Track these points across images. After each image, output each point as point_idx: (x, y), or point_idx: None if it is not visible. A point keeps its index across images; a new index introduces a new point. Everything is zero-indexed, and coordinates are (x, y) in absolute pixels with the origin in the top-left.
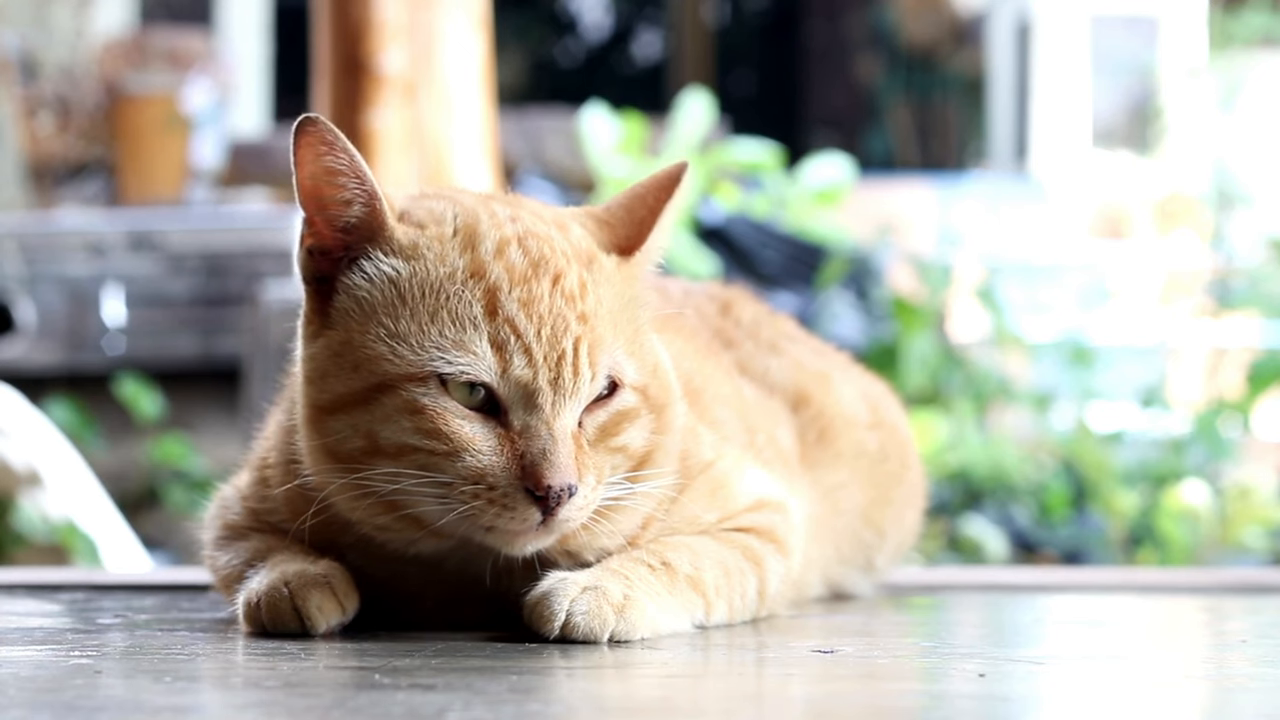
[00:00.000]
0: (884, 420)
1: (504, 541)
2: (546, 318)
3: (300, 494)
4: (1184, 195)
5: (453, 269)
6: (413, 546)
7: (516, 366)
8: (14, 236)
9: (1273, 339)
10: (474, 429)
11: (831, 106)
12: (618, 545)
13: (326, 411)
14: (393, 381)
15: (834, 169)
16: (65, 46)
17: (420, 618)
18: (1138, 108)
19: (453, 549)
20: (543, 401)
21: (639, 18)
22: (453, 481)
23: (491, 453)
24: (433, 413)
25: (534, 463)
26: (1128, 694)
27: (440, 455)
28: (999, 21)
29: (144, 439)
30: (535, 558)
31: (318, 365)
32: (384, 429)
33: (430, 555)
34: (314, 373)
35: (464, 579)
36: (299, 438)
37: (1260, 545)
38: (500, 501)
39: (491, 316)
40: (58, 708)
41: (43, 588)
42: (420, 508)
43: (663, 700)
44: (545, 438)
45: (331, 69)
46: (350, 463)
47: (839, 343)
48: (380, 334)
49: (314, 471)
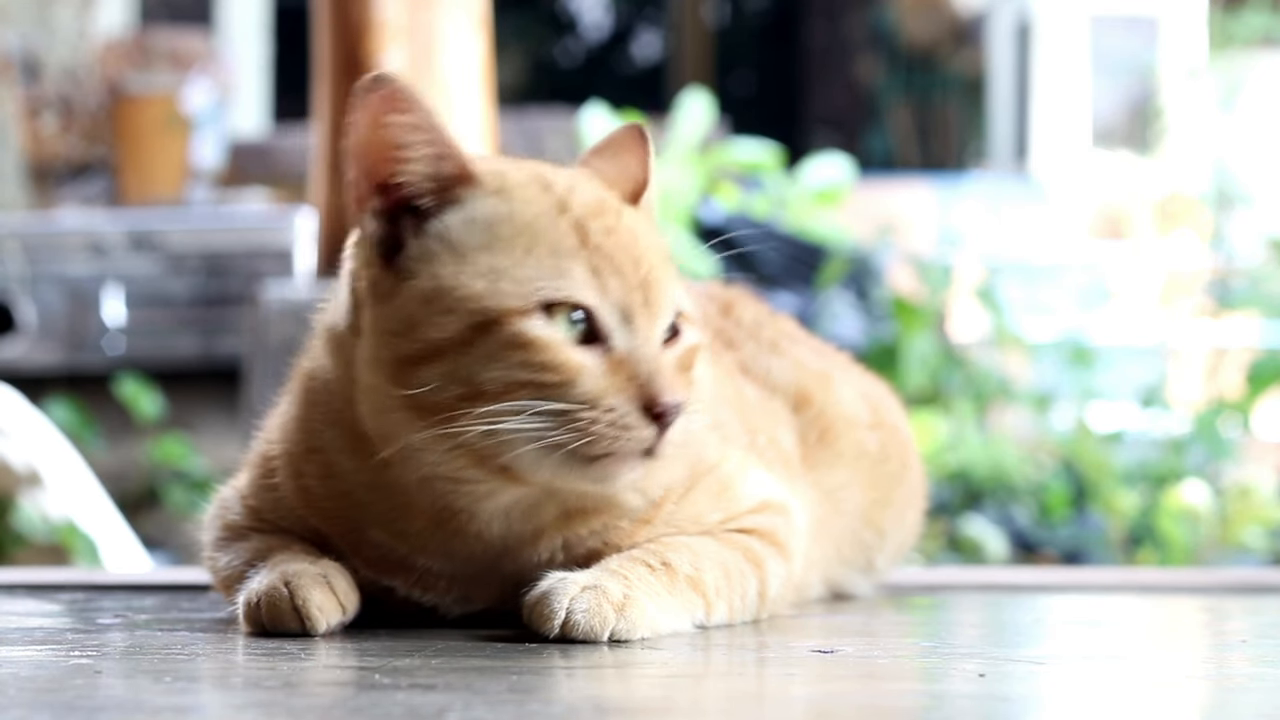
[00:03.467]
0: (885, 421)
1: (607, 475)
2: (627, 246)
3: (316, 483)
4: (1184, 195)
5: (542, 205)
6: (482, 502)
7: (614, 289)
8: (15, 236)
9: (1273, 339)
10: (583, 355)
11: (831, 106)
12: (656, 494)
13: (414, 363)
14: (496, 318)
15: (834, 169)
16: (67, 47)
17: (426, 594)
18: (1138, 108)
19: (508, 510)
20: (641, 323)
21: (639, 18)
22: (567, 410)
23: (604, 375)
24: (543, 343)
25: (648, 381)
26: (1128, 694)
27: (552, 386)
28: (999, 21)
29: (144, 439)
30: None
31: (403, 316)
32: (487, 369)
33: (488, 517)
34: (398, 325)
35: (489, 553)
36: (366, 407)
37: (1260, 545)
38: (620, 423)
39: (584, 245)
40: (58, 708)
41: (43, 588)
42: (515, 451)
43: (663, 700)
44: (651, 358)
45: (331, 69)
46: (442, 413)
47: (839, 343)
48: (479, 271)
49: (389, 435)
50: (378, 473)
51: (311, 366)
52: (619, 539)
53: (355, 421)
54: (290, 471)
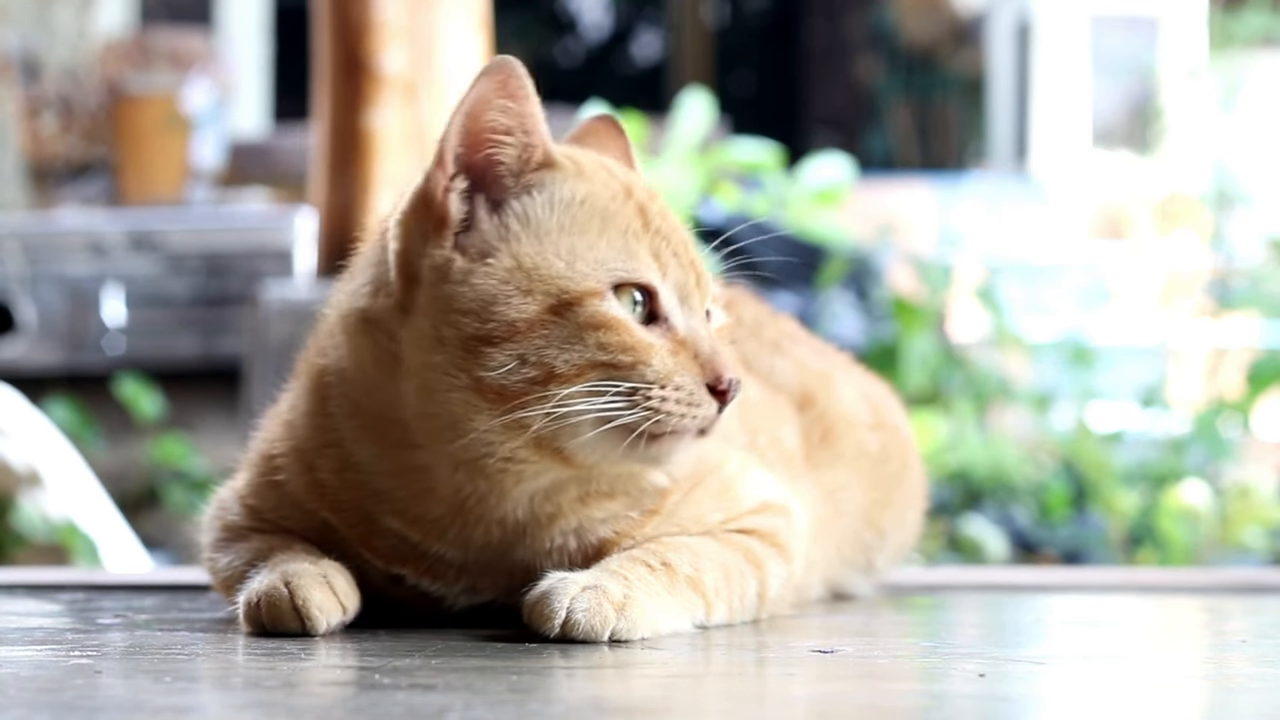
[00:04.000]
0: (885, 421)
1: (665, 454)
2: (679, 229)
3: (331, 476)
4: (1184, 195)
5: (612, 189)
6: (519, 485)
7: (673, 271)
8: (15, 236)
9: (1273, 339)
10: (651, 335)
11: (831, 106)
12: (678, 473)
13: (487, 342)
14: (575, 298)
15: (834, 169)
16: (67, 47)
17: (434, 583)
18: (1138, 108)
19: (533, 494)
20: (696, 304)
21: (639, 18)
22: (638, 389)
23: (670, 354)
24: (620, 323)
25: (710, 359)
26: (1128, 694)
27: (625, 367)
28: (999, 21)
29: (144, 439)
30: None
31: (479, 295)
32: (563, 351)
33: (513, 503)
34: (472, 304)
35: (504, 539)
36: (416, 386)
37: (1260, 545)
38: (687, 400)
39: (646, 228)
40: (58, 708)
41: (43, 588)
42: (581, 433)
43: (663, 700)
44: (708, 336)
45: (331, 69)
46: (512, 397)
47: (839, 343)
48: (558, 253)
49: (443, 416)
50: (400, 457)
51: (323, 362)
52: (629, 529)
53: (380, 407)
54: (301, 468)
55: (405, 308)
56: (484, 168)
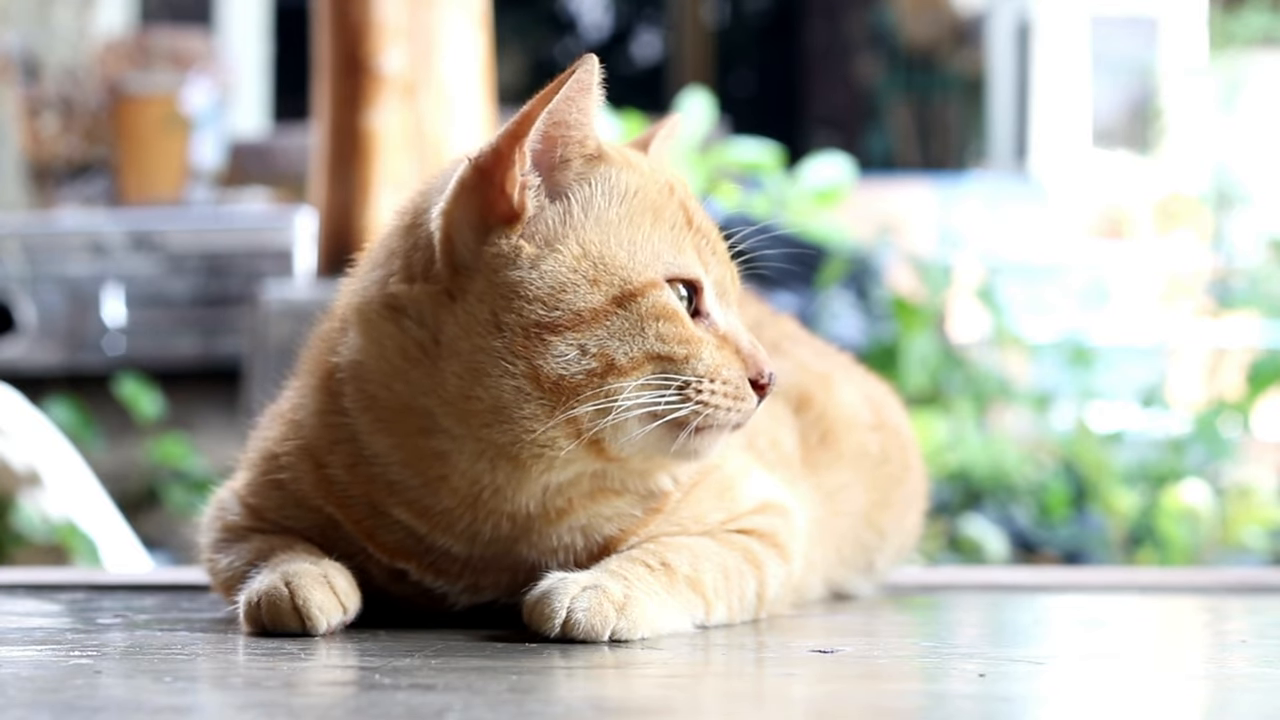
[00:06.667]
0: (886, 422)
1: (702, 448)
2: (714, 228)
3: (342, 472)
4: (1184, 195)
5: (660, 183)
6: (543, 475)
7: (714, 267)
8: (15, 236)
9: (1273, 339)
10: (699, 329)
11: (831, 106)
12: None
13: (550, 329)
14: (636, 289)
15: (834, 169)
16: (67, 47)
17: (438, 579)
18: (1138, 108)
19: (547, 486)
20: (732, 300)
21: (639, 18)
22: (689, 382)
23: (717, 348)
24: (678, 315)
25: (751, 353)
26: (1128, 694)
27: (679, 360)
28: (999, 21)
29: (144, 439)
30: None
31: (548, 282)
32: (624, 342)
33: (527, 496)
34: (539, 291)
35: (512, 533)
36: (460, 369)
37: (1260, 545)
38: (734, 394)
39: (689, 224)
40: (58, 708)
41: (43, 588)
42: (625, 432)
43: (663, 700)
44: (745, 331)
45: (331, 69)
46: (568, 388)
47: (839, 343)
48: (621, 242)
49: (485, 399)
50: (417, 445)
51: (334, 359)
52: (633, 527)
53: (401, 395)
54: (309, 465)
55: (452, 294)
56: (550, 159)
